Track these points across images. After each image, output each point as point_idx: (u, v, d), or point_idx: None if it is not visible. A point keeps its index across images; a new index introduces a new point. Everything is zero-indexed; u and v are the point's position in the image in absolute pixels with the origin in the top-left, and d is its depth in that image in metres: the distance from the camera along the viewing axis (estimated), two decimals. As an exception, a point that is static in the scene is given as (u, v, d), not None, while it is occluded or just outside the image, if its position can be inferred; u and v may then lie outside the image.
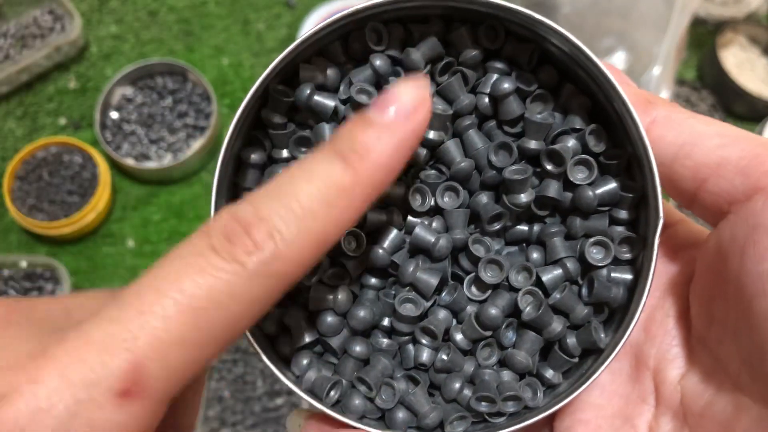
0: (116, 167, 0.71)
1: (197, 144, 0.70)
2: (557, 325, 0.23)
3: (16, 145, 0.72)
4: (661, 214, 0.21)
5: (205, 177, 0.72)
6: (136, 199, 0.70)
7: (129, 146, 0.71)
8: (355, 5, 0.22)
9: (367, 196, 0.17)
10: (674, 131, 0.21)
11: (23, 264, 0.67)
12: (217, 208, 0.22)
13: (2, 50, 0.74)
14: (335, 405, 0.23)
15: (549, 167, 0.23)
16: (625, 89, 0.21)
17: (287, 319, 0.24)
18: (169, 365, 0.15)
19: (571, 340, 0.23)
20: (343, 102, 0.24)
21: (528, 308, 0.23)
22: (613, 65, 0.23)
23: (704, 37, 0.77)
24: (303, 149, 0.24)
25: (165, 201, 0.70)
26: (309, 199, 0.17)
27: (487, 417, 0.23)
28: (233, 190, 0.24)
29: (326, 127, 0.23)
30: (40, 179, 0.69)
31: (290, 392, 0.63)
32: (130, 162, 0.70)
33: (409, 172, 0.24)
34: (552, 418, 0.24)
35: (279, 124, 0.24)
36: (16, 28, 0.74)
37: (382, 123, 0.17)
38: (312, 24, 0.75)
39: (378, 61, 0.23)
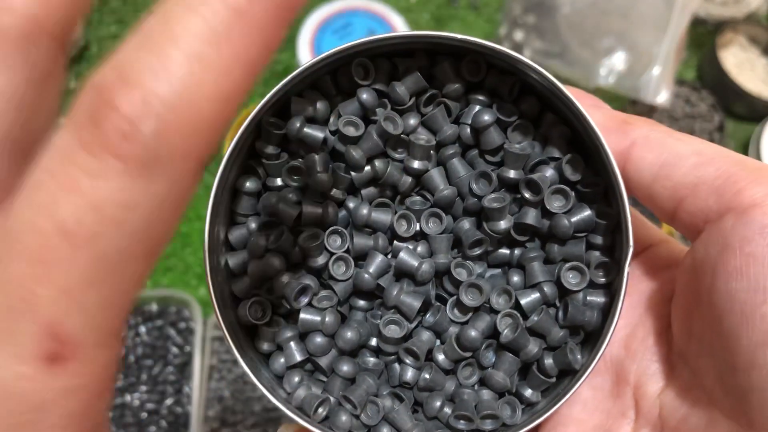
0: (116, 167, 0.71)
1: (197, 144, 0.70)
2: (534, 347, 0.24)
3: (16, 145, 0.72)
4: (631, 242, 0.22)
5: (205, 177, 0.72)
6: (136, 199, 0.71)
7: (129, 146, 0.71)
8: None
9: (275, 16, 0.12)
10: (654, 152, 0.22)
11: (23, 264, 0.67)
12: (210, 237, 0.22)
13: (3, 50, 0.74)
14: (323, 421, 0.24)
15: (527, 195, 0.24)
16: (601, 113, 0.23)
17: (279, 339, 0.25)
18: (88, 311, 0.12)
19: (548, 361, 0.24)
20: (333, 133, 0.25)
21: (506, 331, 0.24)
22: (583, 91, 0.24)
23: (704, 37, 0.77)
24: (295, 177, 0.25)
25: (165, 201, 0.70)
26: (193, 37, 0.11)
27: None
28: (231, 216, 0.25)
29: (316, 157, 0.24)
30: (41, 179, 0.69)
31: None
32: (130, 162, 0.70)
33: (396, 199, 0.26)
34: None
35: (272, 155, 0.25)
36: (17, 28, 0.75)
37: None
38: (312, 24, 0.75)
39: (364, 95, 0.24)
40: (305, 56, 0.74)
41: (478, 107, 0.25)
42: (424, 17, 0.78)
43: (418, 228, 0.25)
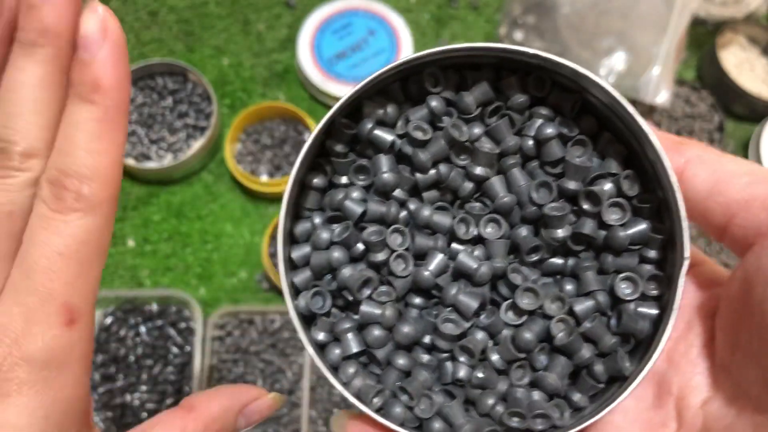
0: (116, 167, 0.71)
1: (197, 144, 0.70)
2: (586, 351, 0.25)
3: (16, 145, 0.72)
4: (687, 254, 0.23)
5: (205, 177, 0.72)
6: (136, 199, 0.71)
7: (129, 146, 0.71)
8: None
9: (120, 112, 0.22)
10: (708, 170, 0.24)
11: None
12: (284, 229, 0.26)
13: (3, 50, 0.74)
14: (378, 411, 0.25)
15: (586, 206, 0.25)
16: (657, 135, 0.24)
17: (337, 330, 0.26)
18: (82, 293, 0.21)
19: (599, 367, 0.25)
20: (400, 137, 0.26)
21: (560, 334, 0.25)
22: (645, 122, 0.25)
23: (704, 37, 0.77)
24: (361, 176, 0.26)
25: (165, 201, 0.70)
26: (87, 141, 0.21)
27: None
28: (295, 209, 0.27)
29: (383, 158, 0.26)
30: (41, 179, 0.69)
31: (291, 392, 0.63)
32: (130, 162, 0.70)
33: (455, 204, 0.27)
34: None
35: (341, 153, 0.26)
36: (17, 28, 0.75)
37: (96, 57, 0.21)
38: (312, 24, 0.75)
39: (434, 102, 0.26)
40: (305, 56, 0.74)
41: (541, 120, 0.26)
42: (424, 17, 0.78)
43: (476, 232, 0.26)
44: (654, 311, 0.25)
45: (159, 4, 0.78)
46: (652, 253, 0.25)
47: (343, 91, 0.72)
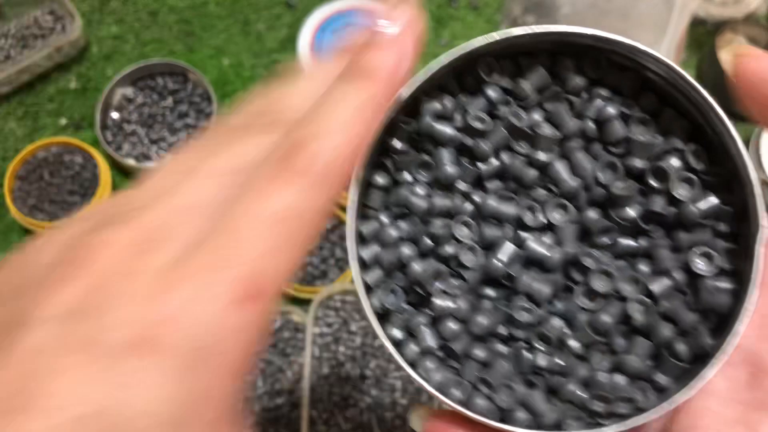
0: (117, 167, 0.71)
1: (198, 144, 0.70)
2: (666, 330, 0.25)
3: (17, 145, 0.73)
4: (763, 222, 0.23)
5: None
6: (136, 199, 0.71)
7: (130, 146, 0.71)
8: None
9: (381, 106, 0.21)
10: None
11: (24, 264, 0.67)
12: (354, 228, 0.26)
13: (3, 50, 0.74)
14: (460, 404, 0.25)
15: (654, 183, 0.25)
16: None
17: (412, 325, 0.26)
18: (272, 272, 0.18)
19: (681, 346, 0.25)
20: (460, 129, 0.26)
21: (638, 315, 0.25)
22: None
23: (703, 37, 0.77)
24: (424, 172, 0.26)
25: (165, 201, 0.71)
26: (342, 120, 0.20)
27: (600, 417, 0.25)
28: (360, 209, 0.27)
29: (444, 152, 0.26)
30: (41, 179, 0.69)
31: (291, 392, 0.63)
32: (131, 162, 0.70)
33: (520, 191, 0.27)
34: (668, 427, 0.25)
35: (402, 150, 0.26)
36: (17, 28, 0.75)
37: (388, 42, 0.21)
38: (312, 24, 0.75)
39: (491, 91, 0.26)
40: (305, 56, 0.74)
41: (600, 101, 0.26)
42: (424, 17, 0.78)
43: (544, 219, 0.26)
44: (733, 285, 0.25)
45: (159, 4, 0.78)
46: (724, 227, 0.25)
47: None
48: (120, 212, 0.19)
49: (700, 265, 0.24)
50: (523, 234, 0.26)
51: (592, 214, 0.26)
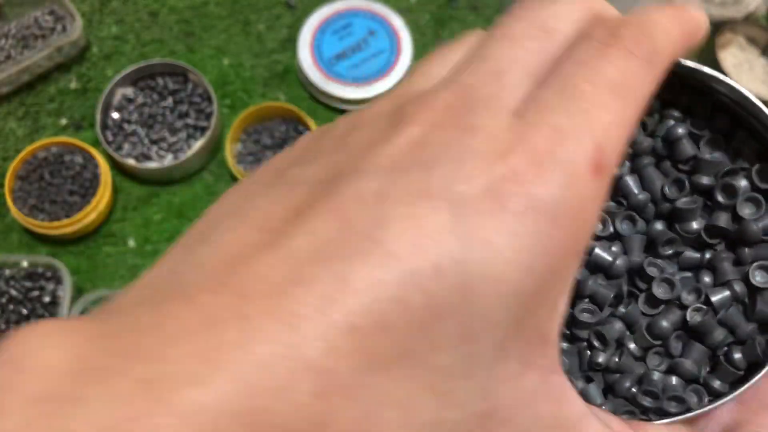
0: (117, 167, 0.71)
1: (198, 144, 0.70)
2: (723, 337, 0.26)
3: (17, 145, 0.73)
4: None
5: (206, 177, 0.72)
6: (137, 199, 0.71)
7: (130, 146, 0.71)
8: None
9: (653, 86, 0.19)
10: None
11: (24, 264, 0.67)
12: None
13: (3, 51, 0.74)
14: None
15: (721, 199, 0.26)
16: None
17: None
18: (615, 144, 0.17)
19: (737, 354, 0.26)
20: None
21: (696, 320, 0.26)
22: None
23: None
24: None
25: (166, 201, 0.71)
26: (668, 28, 0.20)
27: (651, 413, 0.26)
28: None
29: None
30: (42, 179, 0.69)
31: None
32: (131, 162, 0.70)
33: None
34: None
35: None
36: (17, 28, 0.75)
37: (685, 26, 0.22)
38: (312, 24, 0.75)
39: None
40: (305, 56, 0.74)
41: (672, 122, 0.27)
42: (424, 18, 0.78)
43: (612, 229, 0.27)
44: None
45: (159, 4, 0.78)
46: None
47: (343, 91, 0.72)
48: (426, 87, 0.18)
49: (759, 277, 0.26)
50: (592, 242, 0.27)
51: (659, 226, 0.27)
